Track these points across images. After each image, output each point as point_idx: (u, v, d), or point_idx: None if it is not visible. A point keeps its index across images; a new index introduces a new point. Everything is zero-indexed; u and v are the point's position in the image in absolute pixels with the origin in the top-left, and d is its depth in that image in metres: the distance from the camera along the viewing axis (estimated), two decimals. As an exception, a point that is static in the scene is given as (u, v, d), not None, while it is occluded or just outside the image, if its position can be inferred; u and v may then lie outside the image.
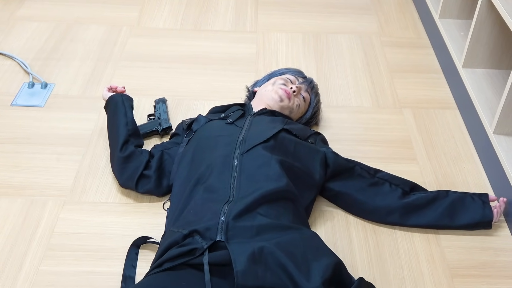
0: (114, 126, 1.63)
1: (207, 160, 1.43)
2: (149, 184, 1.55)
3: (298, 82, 1.75)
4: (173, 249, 1.24)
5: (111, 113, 1.68)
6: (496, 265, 1.46)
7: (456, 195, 1.54)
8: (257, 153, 1.42)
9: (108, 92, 1.74)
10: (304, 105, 1.74)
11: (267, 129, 1.51)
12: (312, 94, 1.77)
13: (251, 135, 1.48)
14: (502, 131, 1.68)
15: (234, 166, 1.39)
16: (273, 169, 1.39)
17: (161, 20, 2.43)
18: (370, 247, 1.49)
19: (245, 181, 1.36)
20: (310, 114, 1.77)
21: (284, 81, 1.72)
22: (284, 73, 1.78)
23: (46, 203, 1.57)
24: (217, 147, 1.46)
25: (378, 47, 2.32)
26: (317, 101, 1.80)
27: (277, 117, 1.60)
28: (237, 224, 1.25)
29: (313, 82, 1.79)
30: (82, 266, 1.40)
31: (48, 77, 2.05)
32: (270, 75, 1.81)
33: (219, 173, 1.38)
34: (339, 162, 1.56)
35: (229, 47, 2.27)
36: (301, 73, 1.81)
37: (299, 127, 1.61)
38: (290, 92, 1.68)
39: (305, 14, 2.53)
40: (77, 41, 2.26)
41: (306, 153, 1.52)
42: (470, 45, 1.91)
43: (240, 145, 1.45)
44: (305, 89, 1.75)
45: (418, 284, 1.40)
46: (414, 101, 2.02)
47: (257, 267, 1.16)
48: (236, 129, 1.52)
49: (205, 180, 1.38)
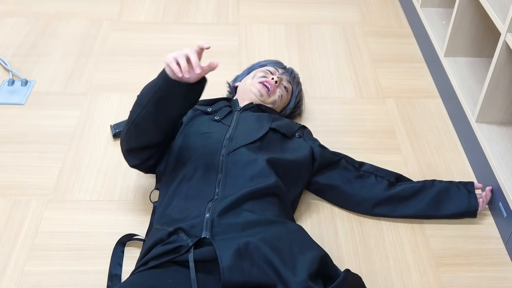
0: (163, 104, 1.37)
1: (193, 158, 1.42)
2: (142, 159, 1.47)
3: (278, 73, 1.73)
4: (158, 247, 1.23)
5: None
6: (480, 253, 1.48)
7: (442, 185, 1.55)
8: (243, 153, 1.41)
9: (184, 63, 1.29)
10: (286, 95, 1.73)
11: (254, 129, 1.50)
12: (294, 84, 1.77)
13: (238, 134, 1.48)
14: (484, 119, 1.69)
15: (219, 166, 1.38)
16: (259, 168, 1.38)
17: (142, 14, 2.41)
18: (356, 238, 1.50)
19: (231, 181, 1.35)
20: (294, 103, 1.76)
21: (264, 73, 1.70)
22: (263, 65, 1.77)
23: (29, 203, 1.55)
24: (203, 145, 1.45)
25: (360, 37, 2.32)
26: (299, 91, 1.79)
27: (263, 114, 1.59)
28: (222, 221, 1.25)
29: (294, 72, 1.78)
30: (68, 266, 1.39)
31: (28, 74, 2.03)
32: (250, 68, 1.79)
33: (204, 172, 1.37)
34: (326, 155, 1.56)
35: (211, 40, 2.26)
36: (281, 64, 1.80)
37: (285, 123, 1.60)
38: (272, 83, 1.67)
39: (287, 5, 2.52)
40: (57, 36, 2.24)
41: (294, 148, 1.52)
42: (452, 34, 1.91)
43: (226, 144, 1.44)
44: (286, 80, 1.74)
45: (403, 274, 1.42)
46: (397, 91, 2.03)
47: (243, 262, 1.16)
48: (223, 127, 1.51)
49: (190, 177, 1.37)
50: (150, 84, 1.37)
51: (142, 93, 1.38)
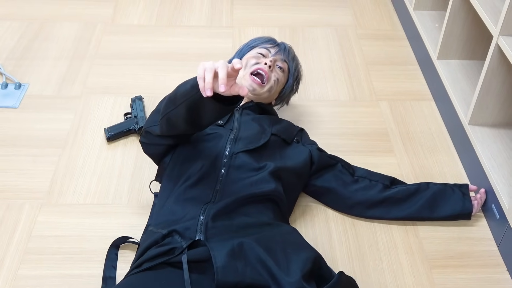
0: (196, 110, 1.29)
1: (195, 159, 1.40)
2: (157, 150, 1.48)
3: (271, 54, 1.65)
4: (152, 249, 1.24)
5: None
6: (473, 254, 1.48)
7: (437, 187, 1.55)
8: (245, 159, 1.40)
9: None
10: (283, 76, 1.66)
11: (256, 135, 1.48)
12: (289, 61, 1.69)
13: (240, 137, 1.45)
14: (477, 121, 1.70)
15: (220, 169, 1.37)
16: (260, 176, 1.37)
17: (136, 17, 2.41)
18: (349, 240, 1.50)
19: (230, 185, 1.35)
20: (292, 81, 1.70)
21: (255, 59, 1.62)
22: (253, 47, 1.68)
23: (23, 206, 1.55)
24: (207, 147, 1.43)
25: (354, 39, 2.33)
26: (295, 65, 1.71)
27: (263, 117, 1.56)
28: (216, 223, 1.25)
29: (287, 48, 1.69)
30: (61, 269, 1.39)
31: (22, 77, 2.02)
32: (240, 52, 1.70)
33: (205, 175, 1.36)
34: (323, 159, 1.56)
35: (205, 43, 2.26)
36: (272, 41, 1.69)
37: (285, 127, 1.58)
38: (265, 70, 1.58)
39: (281, 8, 2.52)
40: (51, 39, 2.23)
41: (293, 155, 1.51)
42: (445, 37, 1.92)
43: (230, 148, 1.42)
44: (281, 59, 1.65)
45: (397, 275, 1.42)
46: (390, 93, 2.03)
47: (237, 262, 1.17)
48: (225, 130, 1.49)
49: (190, 179, 1.36)
50: (186, 86, 1.26)
51: (178, 91, 1.28)
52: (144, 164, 1.69)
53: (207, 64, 1.15)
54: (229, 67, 1.15)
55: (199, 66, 1.16)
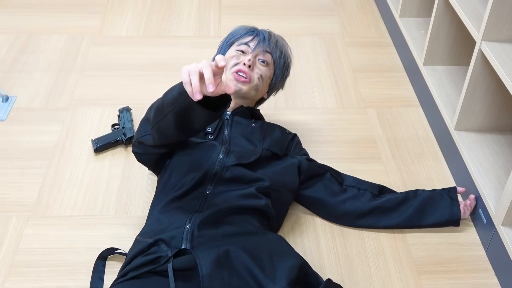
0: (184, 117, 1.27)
1: (183, 173, 1.40)
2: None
3: (251, 49, 1.57)
4: (138, 258, 1.24)
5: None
6: (461, 260, 1.49)
7: (425, 195, 1.55)
8: (235, 172, 1.39)
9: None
10: (267, 69, 1.59)
11: (247, 149, 1.48)
12: (272, 51, 1.60)
13: (232, 151, 1.44)
14: (463, 127, 1.71)
15: (210, 182, 1.37)
16: (249, 191, 1.37)
17: (124, 28, 2.41)
18: (337, 248, 1.50)
19: (219, 196, 1.35)
20: (280, 70, 1.63)
21: (235, 58, 1.56)
22: (232, 43, 1.62)
23: (9, 219, 1.54)
24: (196, 162, 1.42)
25: (341, 47, 2.34)
26: (280, 52, 1.62)
27: (256, 128, 1.55)
28: (202, 232, 1.25)
29: (266, 37, 1.60)
30: (49, 282, 1.38)
31: (9, 90, 2.02)
32: (220, 51, 1.64)
33: (194, 185, 1.36)
34: (312, 168, 1.56)
35: (193, 53, 2.27)
36: (251, 31, 1.61)
37: (277, 138, 1.56)
38: (246, 70, 1.53)
39: (268, 17, 2.53)
40: (38, 52, 2.23)
41: (284, 170, 1.50)
42: (430, 43, 1.93)
43: (220, 160, 1.41)
44: (262, 51, 1.58)
45: (385, 282, 1.42)
46: (377, 100, 2.04)
47: (223, 270, 1.17)
48: (218, 140, 1.49)
49: (178, 192, 1.36)
50: (173, 93, 1.22)
51: (165, 99, 1.24)
52: (132, 175, 1.69)
53: (190, 67, 1.12)
54: (213, 65, 1.12)
55: (182, 70, 1.13)
